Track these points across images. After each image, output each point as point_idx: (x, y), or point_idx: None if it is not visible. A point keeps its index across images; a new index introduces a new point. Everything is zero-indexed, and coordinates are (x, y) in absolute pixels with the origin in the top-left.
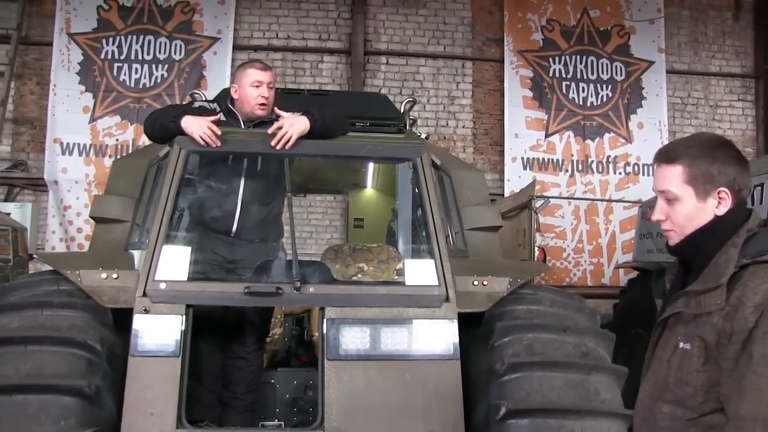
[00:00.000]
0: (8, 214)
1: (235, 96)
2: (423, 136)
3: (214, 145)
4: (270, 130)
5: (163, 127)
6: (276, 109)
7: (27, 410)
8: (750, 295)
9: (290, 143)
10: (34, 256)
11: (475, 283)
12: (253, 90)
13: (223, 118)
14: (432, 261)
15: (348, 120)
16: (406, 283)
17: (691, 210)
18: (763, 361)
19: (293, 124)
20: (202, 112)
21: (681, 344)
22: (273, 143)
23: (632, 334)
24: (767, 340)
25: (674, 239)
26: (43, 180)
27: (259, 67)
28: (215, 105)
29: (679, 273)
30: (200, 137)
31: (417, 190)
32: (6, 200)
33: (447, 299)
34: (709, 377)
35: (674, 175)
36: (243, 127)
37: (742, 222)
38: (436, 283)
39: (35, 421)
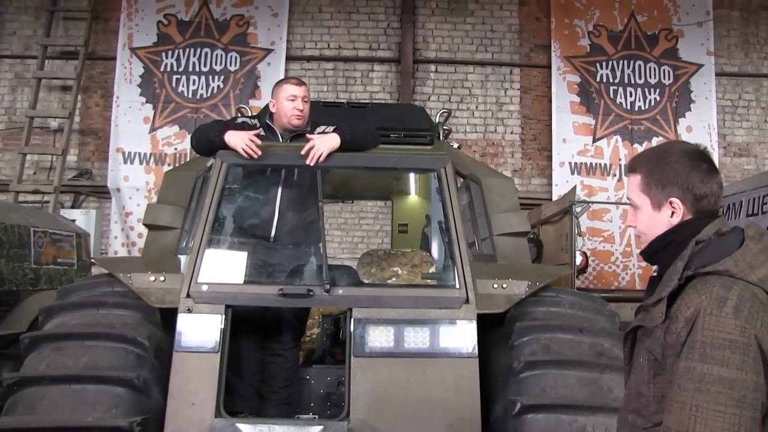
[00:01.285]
0: (73, 220)
1: (273, 110)
2: (455, 146)
3: (255, 156)
4: (303, 151)
5: (208, 141)
6: (308, 134)
7: (85, 398)
8: (683, 310)
9: (322, 158)
10: (92, 259)
11: (495, 286)
12: (289, 103)
13: (262, 132)
14: (453, 265)
15: (379, 133)
16: (429, 286)
17: (648, 218)
18: (686, 374)
19: (323, 141)
20: (244, 127)
21: (642, 356)
22: (307, 161)
23: None
24: (691, 353)
25: (642, 246)
26: (106, 188)
27: (294, 83)
28: (256, 121)
29: (654, 283)
30: (242, 150)
31: (441, 199)
32: (73, 207)
33: (467, 301)
34: (659, 388)
35: (634, 184)
36: (281, 139)
37: (696, 233)
38: (457, 286)
39: (91, 407)
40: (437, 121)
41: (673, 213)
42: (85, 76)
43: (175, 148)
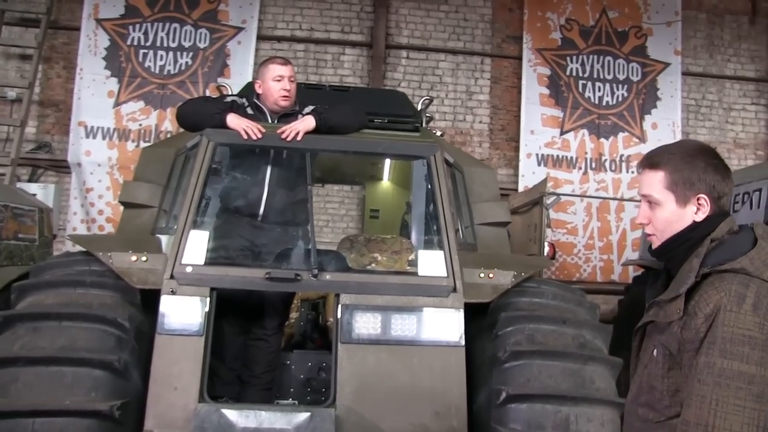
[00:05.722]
0: (34, 195)
1: (259, 91)
2: (438, 133)
3: (255, 138)
4: (279, 131)
5: (205, 117)
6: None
7: (62, 380)
8: (702, 306)
9: (299, 136)
10: (67, 237)
11: (482, 275)
12: (276, 84)
13: (251, 111)
14: (441, 253)
15: (367, 116)
16: (417, 274)
17: (670, 215)
18: (707, 369)
19: (299, 122)
20: (233, 105)
21: (654, 351)
22: (283, 137)
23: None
24: (712, 349)
25: (655, 243)
26: (66, 162)
27: (280, 62)
28: (244, 99)
29: (662, 280)
30: (244, 130)
31: (430, 187)
32: (30, 181)
33: (454, 290)
34: (674, 382)
35: (656, 181)
36: (269, 120)
37: (712, 231)
38: (445, 275)
39: (69, 391)
40: (419, 108)
41: (698, 209)
42: (46, 46)
43: (140, 124)
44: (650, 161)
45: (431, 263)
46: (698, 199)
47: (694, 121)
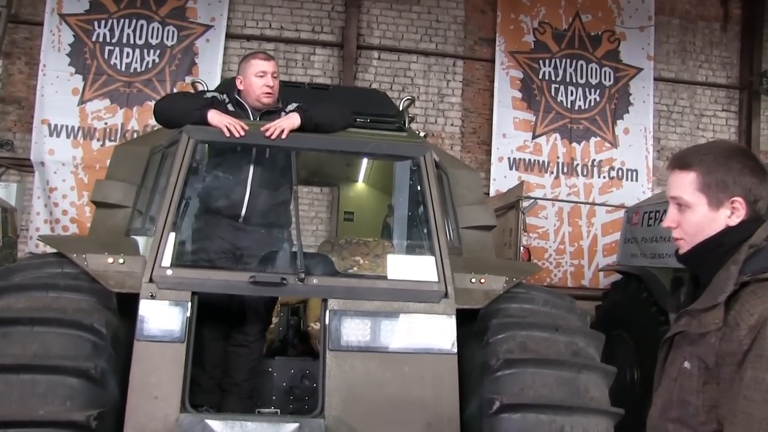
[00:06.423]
0: None
1: (241, 87)
2: (422, 134)
3: (237, 135)
4: (263, 128)
5: (186, 115)
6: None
7: (35, 389)
8: (746, 317)
9: (284, 134)
10: (37, 238)
11: (473, 280)
12: (259, 80)
13: (232, 108)
14: (432, 258)
15: (352, 115)
16: (407, 279)
17: (701, 218)
18: (754, 384)
19: (284, 119)
20: (213, 101)
21: (685, 363)
22: (267, 134)
23: (614, 335)
24: (759, 363)
25: (683, 248)
26: (29, 161)
27: (263, 58)
28: (224, 96)
29: (689, 288)
30: (226, 127)
31: (419, 188)
32: None
33: (446, 295)
34: (710, 397)
35: (687, 182)
36: (251, 117)
37: (748, 236)
38: (436, 280)
39: (43, 400)
40: (401, 108)
41: (732, 213)
42: (7, 41)
43: (106, 123)
44: (681, 161)
45: (422, 268)
46: (733, 203)
47: (665, 126)
